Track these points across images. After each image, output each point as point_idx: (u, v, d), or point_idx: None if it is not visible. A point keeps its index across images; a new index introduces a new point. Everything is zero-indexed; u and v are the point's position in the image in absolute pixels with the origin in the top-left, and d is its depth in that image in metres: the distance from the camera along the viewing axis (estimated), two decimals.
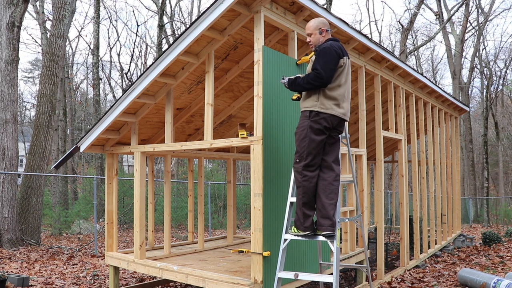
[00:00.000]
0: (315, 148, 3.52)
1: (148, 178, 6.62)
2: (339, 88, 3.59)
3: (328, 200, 3.52)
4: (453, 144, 10.78)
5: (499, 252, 9.01)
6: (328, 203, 3.51)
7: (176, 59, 4.50)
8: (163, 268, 4.90)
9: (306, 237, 3.58)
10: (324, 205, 3.51)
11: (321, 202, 3.53)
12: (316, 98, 3.57)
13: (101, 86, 24.93)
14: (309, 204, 3.56)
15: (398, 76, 7.16)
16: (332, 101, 3.54)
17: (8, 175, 9.53)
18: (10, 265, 7.55)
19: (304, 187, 3.54)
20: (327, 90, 3.55)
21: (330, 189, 3.55)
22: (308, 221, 3.56)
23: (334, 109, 3.54)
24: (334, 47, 3.55)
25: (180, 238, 11.89)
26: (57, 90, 11.03)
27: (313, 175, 3.55)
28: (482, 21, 21.81)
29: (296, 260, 4.34)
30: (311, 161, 3.53)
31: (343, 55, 3.61)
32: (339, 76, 3.59)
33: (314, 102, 3.57)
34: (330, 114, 3.53)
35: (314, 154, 3.53)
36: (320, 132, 3.52)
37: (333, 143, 3.68)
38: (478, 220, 21.15)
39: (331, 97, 3.54)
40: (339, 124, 3.66)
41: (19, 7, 10.01)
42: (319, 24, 3.74)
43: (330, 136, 3.64)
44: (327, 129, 3.55)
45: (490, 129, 26.54)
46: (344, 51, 3.66)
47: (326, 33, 3.74)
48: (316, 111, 3.53)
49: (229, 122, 6.93)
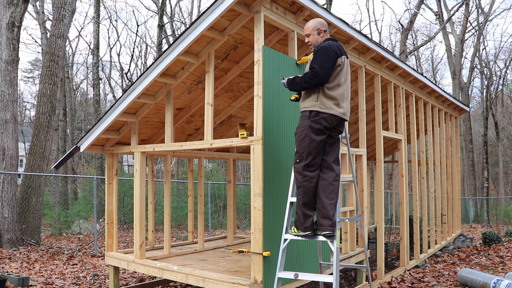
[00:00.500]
0: (315, 148, 3.52)
1: (148, 178, 6.62)
2: (339, 88, 3.59)
3: (328, 200, 3.52)
4: (453, 144, 10.78)
5: (499, 252, 9.01)
6: (328, 203, 3.51)
7: (176, 59, 4.50)
8: (163, 268, 4.90)
9: (306, 237, 3.58)
10: (324, 205, 3.51)
11: (321, 202, 3.53)
12: (315, 97, 3.57)
13: (101, 86, 24.94)
14: (309, 204, 3.56)
15: (398, 76, 7.16)
16: (331, 101, 3.54)
17: (8, 175, 9.53)
18: (10, 265, 7.55)
19: (304, 187, 3.54)
20: (327, 90, 3.55)
21: (330, 189, 3.55)
22: (308, 221, 3.56)
23: (334, 108, 3.54)
24: (332, 46, 3.57)
25: (180, 238, 11.89)
26: (57, 90, 11.03)
27: (313, 175, 3.55)
28: (482, 21, 21.82)
29: (296, 260, 4.34)
30: (311, 161, 3.53)
31: (341, 54, 3.61)
32: (338, 75, 3.59)
33: (313, 102, 3.57)
34: (330, 113, 3.53)
35: (314, 154, 3.53)
36: (320, 132, 3.53)
37: (333, 143, 3.69)
38: (478, 220, 21.15)
39: (331, 96, 3.54)
40: (339, 124, 3.66)
41: (19, 7, 10.01)
42: (317, 25, 3.76)
43: (330, 136, 3.64)
44: (327, 129, 3.55)
45: (490, 129, 26.54)
46: (343, 50, 3.67)
47: (324, 33, 3.76)
48: (316, 111, 3.54)
49: (229, 122, 6.93)
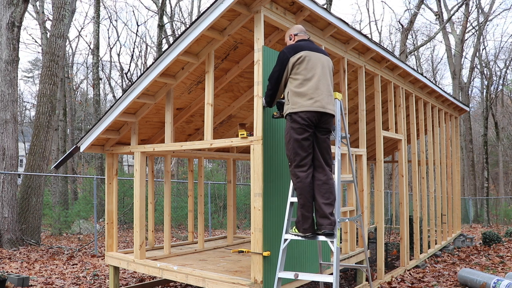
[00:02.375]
0: (300, 147, 3.53)
1: (148, 178, 6.62)
2: (308, 82, 3.57)
3: (323, 199, 3.52)
4: (453, 144, 10.78)
5: (499, 252, 9.01)
6: (324, 202, 3.51)
7: (176, 59, 4.50)
8: (163, 268, 4.90)
9: (306, 238, 3.60)
10: (320, 205, 3.52)
11: (317, 202, 3.54)
12: (287, 101, 3.64)
13: (101, 86, 24.94)
14: (307, 205, 3.55)
15: (398, 76, 7.16)
16: (302, 98, 3.55)
17: (8, 175, 9.53)
18: (10, 265, 7.55)
19: (299, 188, 3.55)
20: (294, 88, 3.58)
21: (324, 189, 3.55)
22: (307, 223, 3.56)
23: (305, 104, 3.52)
24: (286, 48, 3.66)
25: (180, 238, 11.89)
26: (57, 90, 11.03)
27: (305, 175, 3.54)
28: (482, 21, 21.81)
29: (296, 260, 4.34)
30: (300, 161, 3.54)
31: (299, 50, 3.61)
32: (301, 71, 3.58)
33: (286, 105, 3.64)
34: (303, 111, 3.52)
35: (302, 154, 3.53)
36: (302, 130, 3.52)
37: (322, 141, 3.66)
38: (478, 220, 21.15)
39: (300, 93, 3.55)
40: (322, 119, 3.59)
41: (19, 7, 10.01)
42: (288, 32, 3.90)
43: (316, 134, 3.63)
44: (308, 126, 3.53)
45: (490, 129, 26.53)
46: (306, 46, 3.65)
47: (295, 37, 3.83)
48: (289, 113, 3.59)
49: (229, 122, 6.93)
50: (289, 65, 3.62)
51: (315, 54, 3.66)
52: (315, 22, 4.79)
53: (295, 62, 3.60)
